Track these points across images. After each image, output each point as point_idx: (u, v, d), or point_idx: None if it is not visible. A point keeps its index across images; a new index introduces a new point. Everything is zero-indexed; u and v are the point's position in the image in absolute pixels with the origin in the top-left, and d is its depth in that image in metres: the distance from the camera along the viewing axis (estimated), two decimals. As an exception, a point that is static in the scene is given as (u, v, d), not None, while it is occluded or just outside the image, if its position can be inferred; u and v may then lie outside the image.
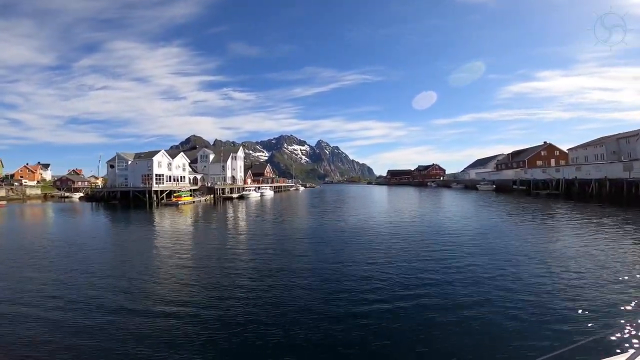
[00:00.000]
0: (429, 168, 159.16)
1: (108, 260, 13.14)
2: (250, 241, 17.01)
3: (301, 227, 21.69)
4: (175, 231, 21.62)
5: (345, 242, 15.31)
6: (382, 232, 17.86)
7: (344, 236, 17.16)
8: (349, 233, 18.11)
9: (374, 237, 16.33)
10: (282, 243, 15.92)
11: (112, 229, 24.16)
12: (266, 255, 13.05)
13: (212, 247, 15.48)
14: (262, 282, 9.49)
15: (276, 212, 33.33)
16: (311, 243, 15.71)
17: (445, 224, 21.17)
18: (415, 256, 12.06)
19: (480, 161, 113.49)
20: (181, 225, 24.79)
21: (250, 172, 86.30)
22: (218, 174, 65.99)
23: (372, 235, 17.15)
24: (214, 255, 13.35)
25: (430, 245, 14.05)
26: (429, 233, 17.36)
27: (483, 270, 9.97)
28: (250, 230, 21.39)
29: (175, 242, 16.86)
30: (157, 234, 20.45)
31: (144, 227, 24.61)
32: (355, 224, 21.96)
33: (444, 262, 11.08)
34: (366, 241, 15.38)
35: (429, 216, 26.00)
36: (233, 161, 68.70)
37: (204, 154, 67.27)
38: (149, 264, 12.12)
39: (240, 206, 42.04)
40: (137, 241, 18.12)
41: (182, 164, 57.24)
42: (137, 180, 51.64)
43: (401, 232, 17.78)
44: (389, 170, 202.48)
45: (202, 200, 48.36)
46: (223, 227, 23.05)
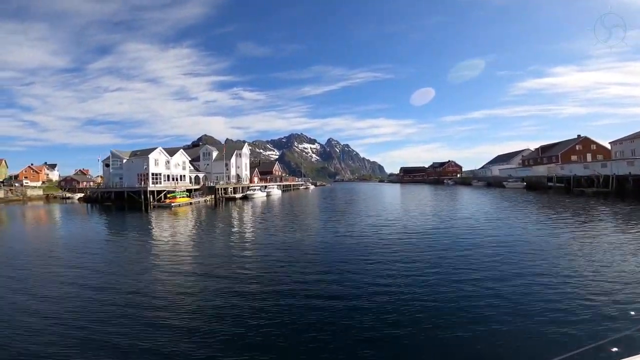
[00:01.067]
0: (444, 165, 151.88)
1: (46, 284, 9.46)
2: (244, 259, 12.38)
3: (310, 239, 16.65)
4: (155, 241, 17.29)
5: (369, 261, 11.30)
6: (412, 242, 14.28)
7: (366, 253, 12.66)
8: (373, 246, 13.87)
9: (402, 249, 13.06)
10: (285, 263, 11.53)
11: (74, 239, 19.62)
12: (264, 281, 9.57)
13: (190, 266, 11.63)
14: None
15: (281, 216, 28.36)
16: (325, 262, 11.68)
17: (485, 231, 16.83)
18: (460, 274, 9.47)
19: (502, 157, 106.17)
20: (164, 233, 20.13)
21: (257, 170, 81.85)
22: (222, 172, 61.64)
23: (400, 247, 13.60)
24: (194, 278, 10.07)
25: (475, 260, 10.95)
26: (469, 243, 13.78)
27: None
28: (245, 242, 16.50)
29: (148, 255, 13.76)
30: (129, 246, 15.82)
31: (119, 236, 20.08)
32: (379, 232, 16.91)
33: (497, 283, 8.48)
34: (394, 258, 11.61)
35: (463, 221, 20.59)
36: (237, 159, 64.24)
37: (206, 151, 62.93)
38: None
39: (243, 208, 37.39)
40: (100, 254, 13.69)
41: (181, 162, 53.01)
42: (132, 179, 47.66)
43: (436, 243, 14.20)
44: (401, 168, 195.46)
45: (202, 201, 43.93)
46: (212, 237, 18.24)
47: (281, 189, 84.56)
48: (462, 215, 23.83)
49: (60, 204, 57.41)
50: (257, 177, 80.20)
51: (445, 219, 22.08)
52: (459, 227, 18.31)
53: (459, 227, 18.57)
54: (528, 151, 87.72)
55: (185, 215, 31.17)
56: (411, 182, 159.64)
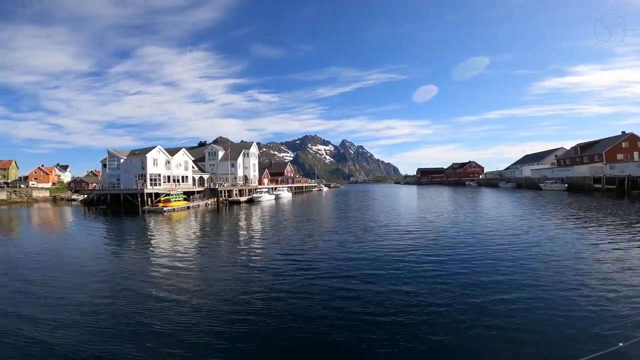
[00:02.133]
0: (465, 166, 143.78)
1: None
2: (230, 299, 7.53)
3: (323, 258, 11.71)
4: (119, 257, 12.80)
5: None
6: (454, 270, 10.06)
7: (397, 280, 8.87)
8: (405, 272, 9.95)
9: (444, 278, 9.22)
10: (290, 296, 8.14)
11: (20, 252, 15.35)
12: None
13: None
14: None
15: (288, 226, 23.52)
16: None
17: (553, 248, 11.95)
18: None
19: (530, 157, 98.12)
20: (137, 247, 15.64)
21: (267, 171, 77.63)
22: (228, 173, 57.58)
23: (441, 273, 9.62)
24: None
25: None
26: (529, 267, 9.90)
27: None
28: (235, 265, 11.71)
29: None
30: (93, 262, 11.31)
31: (76, 248, 15.72)
32: (409, 249, 11.82)
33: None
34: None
35: (522, 237, 15.05)
36: (245, 158, 60.04)
37: (211, 150, 58.99)
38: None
39: (247, 213, 32.89)
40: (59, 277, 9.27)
41: (183, 162, 49.12)
42: (130, 181, 44.03)
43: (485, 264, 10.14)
44: (419, 169, 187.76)
45: (201, 205, 39.70)
46: (192, 253, 13.56)
47: (293, 191, 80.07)
48: (511, 227, 18.27)
49: (64, 206, 54.94)
50: (267, 178, 75.98)
51: (496, 234, 16.63)
52: (518, 246, 12.95)
53: (518, 245, 13.19)
54: (562, 150, 79.87)
55: (178, 221, 26.83)
56: (429, 183, 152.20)
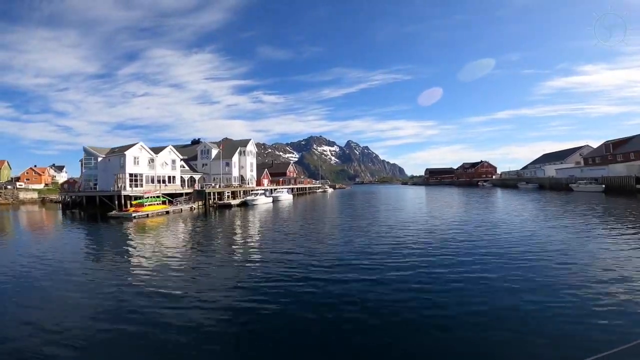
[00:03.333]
0: (477, 166, 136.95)
1: None
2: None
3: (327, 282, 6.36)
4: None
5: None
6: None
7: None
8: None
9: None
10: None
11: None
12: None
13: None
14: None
15: (282, 236, 18.15)
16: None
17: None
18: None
19: (550, 156, 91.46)
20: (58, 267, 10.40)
21: (266, 171, 72.44)
22: (223, 173, 52.50)
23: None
24: None
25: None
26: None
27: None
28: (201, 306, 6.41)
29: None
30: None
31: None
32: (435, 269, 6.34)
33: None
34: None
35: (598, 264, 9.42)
36: (241, 157, 54.87)
37: (204, 148, 53.92)
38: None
39: (236, 219, 27.69)
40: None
41: (170, 160, 44.06)
42: (109, 181, 39.14)
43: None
44: (427, 169, 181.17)
45: (185, 210, 34.51)
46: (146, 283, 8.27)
47: (295, 192, 74.78)
48: (571, 249, 12.60)
49: (51, 209, 50.45)
50: (267, 179, 70.79)
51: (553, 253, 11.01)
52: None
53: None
54: (588, 148, 73.32)
55: (145, 231, 21.66)
56: (438, 184, 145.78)
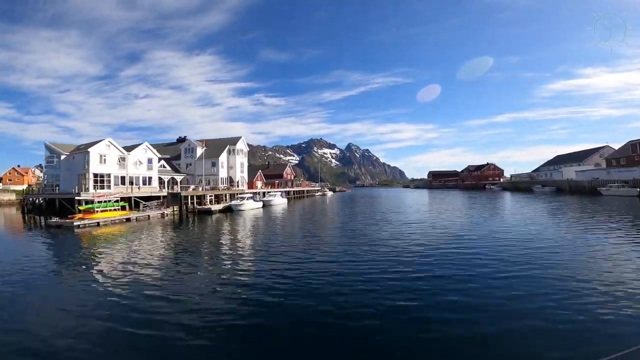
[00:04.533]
0: (482, 168, 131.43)
1: None
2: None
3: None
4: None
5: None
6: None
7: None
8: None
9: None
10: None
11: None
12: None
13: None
14: None
15: (263, 255, 12.80)
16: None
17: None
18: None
19: (564, 157, 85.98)
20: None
21: (260, 173, 67.13)
22: (209, 174, 47.20)
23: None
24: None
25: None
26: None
27: None
28: None
29: None
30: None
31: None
32: None
33: None
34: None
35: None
36: (230, 156, 49.55)
37: (188, 147, 48.61)
38: None
39: (212, 229, 22.42)
40: None
41: (145, 159, 38.71)
42: (73, 182, 33.86)
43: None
44: (430, 172, 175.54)
45: (155, 217, 29.13)
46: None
47: (292, 195, 69.42)
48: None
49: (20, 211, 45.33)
50: (260, 180, 65.46)
51: None
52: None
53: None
54: (609, 149, 67.89)
55: (85, 245, 16.37)
56: (442, 187, 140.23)
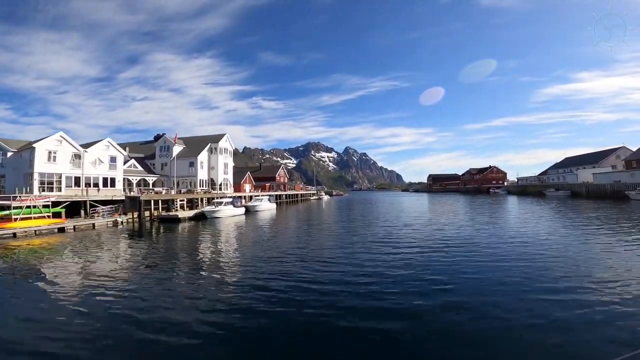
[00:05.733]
0: (485, 171, 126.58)
1: None
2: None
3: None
4: None
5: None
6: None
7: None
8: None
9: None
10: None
11: None
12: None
13: None
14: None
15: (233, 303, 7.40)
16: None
17: None
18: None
19: (574, 160, 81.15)
20: None
21: (249, 174, 61.62)
22: (186, 175, 41.73)
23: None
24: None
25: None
26: None
27: None
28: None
29: None
30: None
31: None
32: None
33: None
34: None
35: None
36: (212, 156, 44.06)
37: (164, 144, 43.10)
38: None
39: (171, 243, 17.04)
40: None
41: (107, 157, 33.14)
42: (19, 182, 28.30)
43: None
44: (430, 175, 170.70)
45: (103, 225, 23.59)
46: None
47: (283, 199, 64.00)
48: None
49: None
50: (249, 183, 59.96)
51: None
52: None
53: None
54: (625, 150, 63.06)
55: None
56: (443, 191, 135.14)
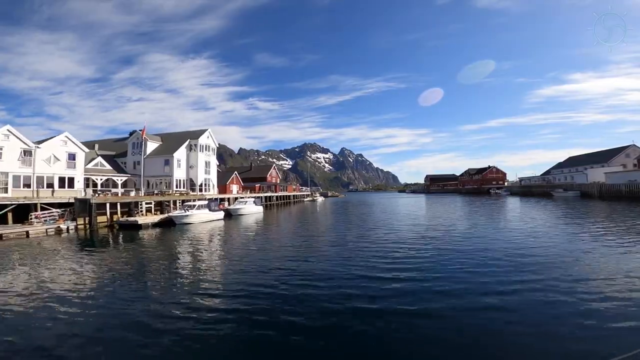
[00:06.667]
0: (484, 171, 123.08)
1: None
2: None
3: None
4: None
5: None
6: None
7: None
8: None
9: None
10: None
11: None
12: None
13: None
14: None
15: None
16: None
17: None
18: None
19: (579, 159, 77.79)
20: None
21: (235, 174, 57.04)
22: (161, 174, 37.16)
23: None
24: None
25: None
26: None
27: None
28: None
29: None
30: None
31: None
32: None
33: None
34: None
35: None
36: (191, 153, 39.49)
37: (137, 141, 38.44)
38: None
39: (117, 259, 12.70)
40: None
41: (64, 155, 28.48)
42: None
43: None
44: (427, 176, 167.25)
45: (41, 232, 19.08)
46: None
47: (274, 201, 59.48)
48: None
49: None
50: (236, 184, 55.42)
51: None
52: None
53: None
54: (635, 149, 59.66)
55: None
56: (441, 192, 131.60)
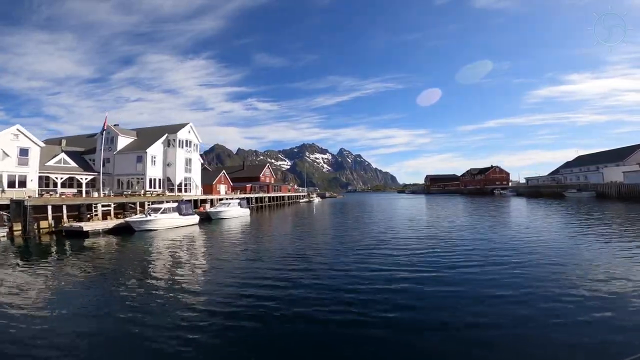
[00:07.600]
0: (487, 171, 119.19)
1: None
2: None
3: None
4: None
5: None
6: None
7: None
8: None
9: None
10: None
11: None
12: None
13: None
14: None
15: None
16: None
17: None
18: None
19: (590, 157, 74.06)
20: None
21: (224, 174, 52.84)
22: (133, 173, 33.00)
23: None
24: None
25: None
26: None
27: None
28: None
29: None
30: None
31: None
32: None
33: None
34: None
35: None
36: (168, 149, 35.28)
37: (107, 136, 33.80)
38: None
39: (32, 282, 8.40)
40: None
41: (14, 150, 24.12)
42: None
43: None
44: (427, 176, 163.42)
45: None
46: None
47: (266, 202, 55.32)
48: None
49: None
50: (223, 184, 51.23)
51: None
52: None
53: None
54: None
55: None
56: (442, 192, 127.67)
